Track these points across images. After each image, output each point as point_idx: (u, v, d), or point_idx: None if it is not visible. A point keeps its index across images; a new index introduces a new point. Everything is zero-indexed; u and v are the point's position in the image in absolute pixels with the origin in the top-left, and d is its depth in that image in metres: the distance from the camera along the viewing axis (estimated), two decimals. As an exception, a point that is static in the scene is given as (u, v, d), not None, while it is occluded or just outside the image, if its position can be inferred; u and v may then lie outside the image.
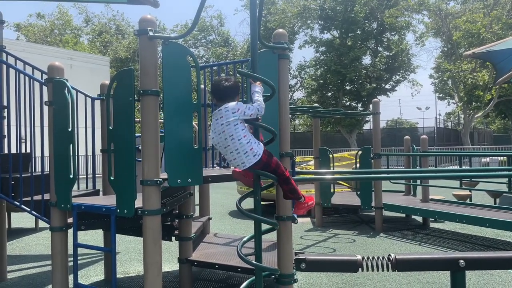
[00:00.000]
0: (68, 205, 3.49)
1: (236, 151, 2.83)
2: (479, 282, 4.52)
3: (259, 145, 2.89)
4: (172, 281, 4.72)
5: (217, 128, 2.87)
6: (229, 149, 2.85)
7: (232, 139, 2.82)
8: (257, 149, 2.86)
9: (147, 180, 3.07)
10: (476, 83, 27.00)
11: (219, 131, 2.86)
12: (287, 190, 3.14)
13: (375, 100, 7.96)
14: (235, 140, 2.82)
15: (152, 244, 3.10)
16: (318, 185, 8.05)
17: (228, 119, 2.81)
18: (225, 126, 2.82)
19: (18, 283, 4.80)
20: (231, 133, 2.81)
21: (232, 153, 2.85)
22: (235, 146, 2.82)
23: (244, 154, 2.83)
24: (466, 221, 6.23)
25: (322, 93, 31.11)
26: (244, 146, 2.82)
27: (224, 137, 2.84)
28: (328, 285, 4.53)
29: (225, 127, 2.82)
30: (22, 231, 7.88)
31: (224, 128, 2.82)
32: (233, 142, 2.82)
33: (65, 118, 3.49)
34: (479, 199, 9.21)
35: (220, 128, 2.85)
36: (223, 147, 2.89)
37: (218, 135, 2.88)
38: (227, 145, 2.85)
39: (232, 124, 2.81)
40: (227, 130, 2.82)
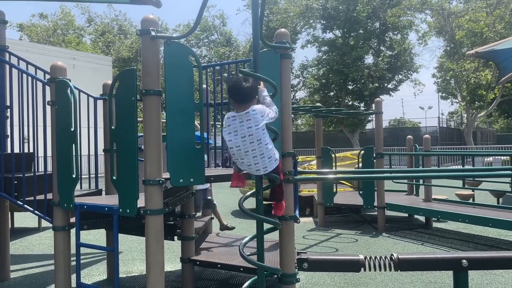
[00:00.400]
0: (71, 204, 3.49)
1: (261, 156, 2.79)
2: (482, 282, 4.51)
3: (277, 153, 2.94)
4: (174, 281, 4.73)
5: (242, 131, 2.76)
6: (253, 153, 2.78)
7: (259, 144, 2.76)
8: (277, 154, 2.91)
9: (149, 180, 3.07)
10: (479, 82, 26.90)
11: (244, 134, 2.77)
12: (279, 191, 3.18)
13: (377, 99, 7.95)
14: (262, 145, 2.77)
15: (155, 244, 3.11)
16: (320, 184, 8.05)
17: (257, 123, 2.74)
18: (253, 129, 2.74)
19: (21, 282, 4.82)
20: (259, 137, 2.76)
21: (256, 158, 2.79)
22: (261, 151, 2.78)
23: (268, 159, 2.82)
24: (469, 220, 6.21)
25: (325, 93, 31.08)
26: (269, 151, 2.82)
27: (250, 140, 2.76)
28: (331, 285, 4.53)
29: (253, 130, 2.74)
30: (25, 231, 7.91)
31: (253, 131, 2.75)
32: (260, 147, 2.77)
33: (68, 118, 3.49)
34: (482, 199, 9.18)
35: (247, 131, 2.75)
36: (243, 151, 2.79)
37: (241, 138, 2.77)
38: (251, 149, 2.77)
39: (261, 128, 2.76)
40: (256, 134, 2.75)
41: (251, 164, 2.82)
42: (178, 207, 4.31)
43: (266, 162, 2.82)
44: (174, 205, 3.65)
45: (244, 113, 2.79)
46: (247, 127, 2.76)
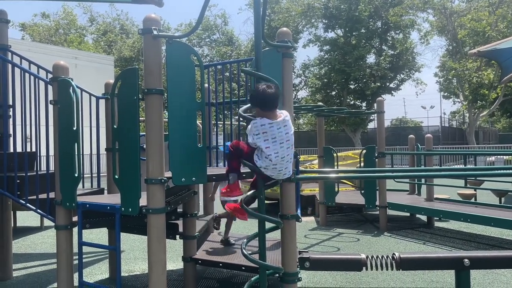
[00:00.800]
0: (73, 203, 3.50)
1: (291, 160, 2.94)
2: (483, 281, 4.51)
3: None
4: (176, 280, 4.74)
5: (281, 137, 2.85)
6: (288, 158, 2.90)
7: (292, 148, 2.92)
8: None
9: (151, 179, 3.08)
10: (481, 81, 26.84)
11: (282, 140, 2.85)
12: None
13: (379, 99, 7.95)
14: (291, 149, 2.91)
15: (157, 242, 3.11)
16: (322, 184, 8.04)
17: (292, 128, 2.91)
18: (290, 135, 2.88)
19: (23, 281, 4.83)
20: (292, 142, 2.91)
21: (288, 162, 2.93)
22: (291, 155, 2.93)
23: (290, 161, 2.98)
24: (471, 220, 6.20)
25: (326, 92, 31.07)
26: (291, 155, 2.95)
27: (287, 146, 2.88)
28: (332, 284, 4.53)
29: (290, 136, 2.88)
30: (28, 230, 7.93)
31: (289, 137, 2.88)
32: (291, 151, 2.91)
33: (70, 117, 3.50)
34: (484, 199, 9.16)
35: (285, 137, 2.87)
36: (280, 156, 2.87)
37: (279, 144, 2.84)
38: (287, 154, 2.88)
39: (291, 133, 2.91)
40: (291, 140, 2.90)
41: (282, 169, 2.93)
42: (180, 206, 4.32)
43: (290, 166, 2.97)
44: (176, 204, 3.66)
45: (281, 120, 2.88)
46: (285, 133, 2.87)
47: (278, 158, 2.86)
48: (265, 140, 2.84)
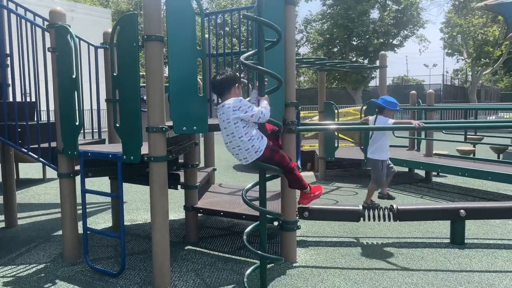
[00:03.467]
0: (75, 152, 3.52)
1: (238, 148, 2.86)
2: (478, 232, 4.61)
3: (261, 140, 2.91)
4: (178, 228, 4.85)
5: (221, 124, 2.89)
6: (231, 145, 2.89)
7: (233, 137, 2.84)
8: (258, 145, 2.88)
9: (152, 127, 3.08)
10: (486, 38, 26.36)
11: (222, 127, 2.88)
12: (292, 180, 3.24)
13: (382, 53, 7.81)
14: (236, 138, 2.83)
15: (159, 190, 3.16)
16: (322, 139, 8.07)
17: (228, 116, 2.80)
18: (225, 123, 2.83)
19: (28, 228, 4.95)
20: (232, 131, 2.83)
21: (234, 149, 2.89)
22: (237, 143, 2.85)
23: (246, 150, 2.86)
24: (468, 174, 6.27)
25: (328, 48, 30.56)
26: (245, 143, 2.84)
27: (226, 133, 2.86)
28: (330, 233, 4.64)
29: (226, 124, 2.83)
30: (30, 181, 8.04)
31: (225, 125, 2.83)
32: (235, 140, 2.84)
33: (69, 65, 3.45)
34: (482, 155, 9.22)
35: (222, 124, 2.86)
36: (224, 142, 2.92)
37: (223, 130, 2.89)
38: (229, 141, 2.88)
39: (232, 122, 2.81)
40: (228, 128, 2.83)
41: (233, 154, 2.94)
42: (182, 157, 4.36)
43: (245, 154, 2.88)
44: (177, 153, 3.68)
45: (220, 106, 2.88)
46: (222, 120, 2.86)
47: (225, 142, 2.93)
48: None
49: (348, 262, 3.79)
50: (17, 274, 3.56)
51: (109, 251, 4.13)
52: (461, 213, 4.15)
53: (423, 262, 3.76)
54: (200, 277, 3.45)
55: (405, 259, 3.83)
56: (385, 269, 3.60)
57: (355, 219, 4.28)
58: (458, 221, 4.22)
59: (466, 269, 3.58)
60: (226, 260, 3.85)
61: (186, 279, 3.40)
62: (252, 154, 2.88)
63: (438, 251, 4.05)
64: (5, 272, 3.62)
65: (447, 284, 3.28)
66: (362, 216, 4.23)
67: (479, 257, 3.88)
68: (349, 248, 4.16)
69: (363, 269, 3.61)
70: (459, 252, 4.02)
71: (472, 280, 3.36)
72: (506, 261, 3.77)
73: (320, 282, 3.33)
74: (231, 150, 2.92)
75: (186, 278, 3.42)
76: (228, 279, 3.41)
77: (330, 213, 4.37)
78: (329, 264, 3.72)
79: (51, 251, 4.14)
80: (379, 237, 4.50)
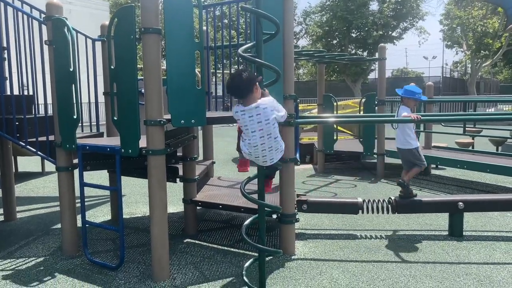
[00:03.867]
0: (73, 145, 3.51)
1: (269, 148, 2.81)
2: (476, 224, 4.63)
3: (282, 141, 2.94)
4: (177, 221, 4.86)
5: (252, 126, 2.74)
6: (262, 147, 2.79)
7: (269, 138, 2.78)
8: (283, 145, 2.93)
9: (150, 120, 3.07)
10: (485, 30, 26.29)
11: (254, 129, 2.75)
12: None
13: (381, 45, 7.77)
14: (272, 139, 2.79)
15: (157, 184, 3.16)
16: (321, 132, 8.06)
17: (267, 117, 2.72)
18: (263, 124, 2.72)
19: (28, 222, 4.95)
20: (269, 132, 2.76)
21: (264, 151, 2.81)
22: (270, 144, 2.80)
23: (276, 151, 2.86)
24: (467, 166, 6.28)
25: (327, 41, 30.46)
26: (277, 143, 2.85)
27: (260, 135, 2.75)
28: (329, 226, 4.64)
29: (263, 125, 2.73)
30: (29, 175, 8.04)
31: (263, 126, 2.73)
32: (269, 141, 2.79)
33: (66, 58, 3.43)
34: (481, 148, 9.22)
35: (257, 125, 2.74)
36: (253, 145, 2.80)
37: (251, 133, 2.76)
38: (261, 143, 2.78)
39: (271, 123, 2.74)
40: (266, 128, 2.74)
41: (259, 156, 2.85)
42: (180, 150, 4.35)
43: (273, 154, 2.86)
44: (175, 146, 3.67)
45: (253, 107, 2.73)
46: (257, 121, 2.73)
47: (251, 146, 2.82)
48: (241, 126, 2.86)
49: (346, 254, 3.80)
50: (16, 268, 3.57)
51: (108, 244, 4.14)
52: (460, 206, 4.16)
53: (421, 254, 3.78)
54: (199, 269, 3.46)
55: (403, 252, 3.84)
56: (383, 261, 3.61)
57: (354, 211, 4.29)
58: (457, 213, 4.23)
59: (464, 261, 3.60)
60: (225, 253, 3.86)
61: (185, 272, 3.41)
62: (278, 154, 2.89)
63: (436, 243, 4.06)
64: (5, 265, 3.63)
65: (445, 276, 3.29)
66: (361, 208, 4.24)
67: (477, 249, 3.89)
68: (348, 240, 4.17)
69: (362, 262, 3.62)
70: (457, 244, 4.03)
71: (470, 272, 3.37)
72: (504, 253, 3.78)
73: (318, 275, 3.34)
74: (261, 152, 2.82)
75: (185, 271, 3.43)
76: (227, 271, 3.42)
77: (329, 206, 4.38)
78: (328, 257, 3.74)
79: (50, 244, 4.15)
80: (377, 229, 4.52)
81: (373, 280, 3.23)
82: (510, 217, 4.84)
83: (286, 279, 3.26)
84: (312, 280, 3.25)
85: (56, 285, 3.20)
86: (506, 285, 3.12)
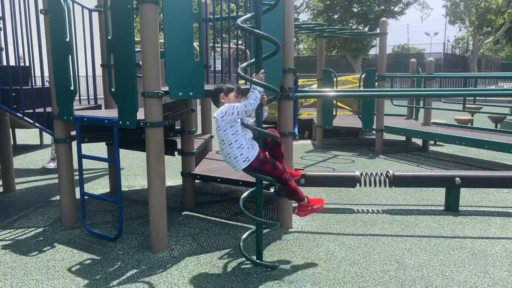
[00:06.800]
0: (71, 117, 3.49)
1: (228, 156, 2.88)
2: (472, 199, 4.66)
3: (251, 150, 2.86)
4: (175, 194, 4.88)
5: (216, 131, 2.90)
6: (223, 152, 2.92)
7: (223, 144, 2.86)
8: (247, 155, 2.85)
9: (148, 92, 3.04)
10: (489, 6, 25.88)
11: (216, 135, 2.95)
12: (287, 191, 3.14)
13: (382, 19, 7.65)
14: (226, 145, 2.85)
15: (155, 156, 3.15)
16: (320, 107, 8.03)
17: (218, 124, 2.82)
18: (217, 131, 2.86)
19: (26, 193, 4.98)
20: (222, 138, 2.85)
21: (225, 156, 2.91)
22: (227, 151, 2.87)
23: (235, 159, 2.86)
24: (465, 143, 6.29)
25: (328, 15, 29.99)
26: (234, 151, 2.84)
27: (218, 141, 2.90)
28: (326, 200, 4.66)
29: (217, 132, 2.86)
30: (28, 148, 8.03)
31: (217, 133, 2.87)
32: (225, 147, 2.86)
33: (62, 28, 3.37)
34: (480, 125, 9.21)
35: (216, 131, 2.89)
36: (220, 149, 2.97)
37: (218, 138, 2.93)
38: (221, 149, 2.92)
39: (222, 129, 2.82)
40: (219, 135, 2.86)
41: (226, 161, 2.97)
42: (178, 124, 4.34)
43: (233, 162, 2.88)
44: (173, 119, 3.66)
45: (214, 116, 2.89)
46: (216, 128, 2.88)
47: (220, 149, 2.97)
48: None
49: (343, 228, 3.84)
50: (16, 238, 3.61)
51: (107, 216, 4.17)
52: (457, 181, 4.18)
53: (417, 228, 3.82)
54: (197, 241, 3.50)
55: (399, 226, 3.88)
56: (379, 235, 3.65)
57: (352, 185, 4.30)
58: (453, 188, 4.25)
59: (459, 236, 3.64)
60: (223, 225, 3.90)
61: (183, 243, 3.45)
62: (240, 163, 2.87)
63: (432, 217, 4.10)
64: (4, 235, 3.66)
65: (440, 250, 3.33)
66: (359, 181, 4.25)
67: (472, 224, 3.93)
68: (344, 214, 4.21)
69: (358, 235, 3.66)
70: (453, 219, 4.07)
71: (465, 246, 3.42)
72: (499, 228, 3.83)
73: (315, 247, 3.38)
74: (224, 157, 2.95)
75: (183, 242, 3.47)
76: (224, 243, 3.46)
77: (327, 180, 4.40)
78: (324, 230, 3.78)
79: (49, 215, 4.18)
80: (374, 204, 4.55)
81: (369, 253, 3.28)
82: (506, 193, 4.88)
83: (283, 251, 3.30)
84: (308, 252, 3.29)
85: (55, 255, 3.24)
86: (500, 259, 3.17)
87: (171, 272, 2.95)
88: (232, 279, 2.85)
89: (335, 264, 3.09)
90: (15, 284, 2.80)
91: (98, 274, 2.92)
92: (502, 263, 3.10)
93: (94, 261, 3.14)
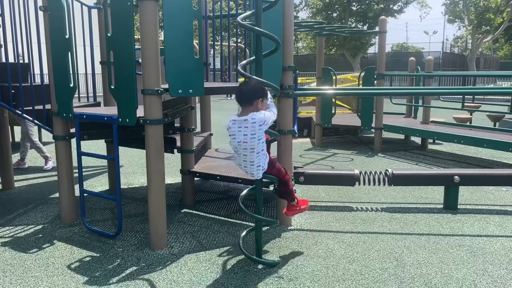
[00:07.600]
0: (70, 114, 3.49)
1: (250, 163, 2.85)
2: (471, 198, 4.67)
3: (266, 158, 2.93)
4: (174, 192, 4.88)
5: (239, 137, 2.78)
6: (244, 158, 2.85)
7: (252, 152, 2.80)
8: (264, 163, 2.91)
9: (148, 89, 3.04)
10: (488, 5, 25.91)
11: (240, 140, 2.78)
12: (283, 191, 3.26)
13: (382, 17, 7.66)
14: (254, 153, 2.81)
15: (155, 153, 3.15)
16: (319, 105, 8.03)
17: (254, 131, 2.73)
18: (248, 137, 2.75)
19: (25, 191, 4.97)
20: (253, 146, 2.78)
21: (246, 162, 2.86)
22: (252, 159, 2.83)
23: (257, 167, 2.87)
24: (464, 141, 6.30)
25: (327, 14, 29.98)
26: (259, 160, 2.85)
27: (244, 147, 2.80)
28: (325, 198, 4.68)
29: (248, 138, 2.75)
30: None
31: (247, 139, 2.75)
32: (252, 155, 2.81)
33: (62, 25, 3.36)
34: (479, 123, 9.23)
35: (242, 138, 2.76)
36: (236, 153, 2.90)
37: (237, 143, 2.81)
38: (243, 154, 2.84)
39: (257, 138, 2.76)
40: (250, 142, 2.76)
41: (241, 165, 2.94)
42: (178, 121, 4.33)
43: (254, 170, 2.89)
44: (173, 116, 3.65)
45: (243, 119, 2.76)
46: (243, 134, 2.76)
47: (235, 154, 2.91)
48: (229, 135, 2.88)
49: (342, 226, 3.84)
50: (15, 235, 3.61)
51: (106, 213, 4.17)
52: (455, 179, 4.19)
53: (415, 226, 3.83)
54: (196, 239, 3.51)
55: (398, 224, 3.89)
56: (378, 233, 3.66)
57: (351, 183, 4.32)
58: (452, 187, 4.26)
59: (457, 233, 3.65)
60: (222, 223, 3.90)
61: (183, 240, 3.46)
62: (259, 172, 2.90)
63: (431, 216, 4.11)
64: (4, 232, 3.66)
65: (439, 247, 3.34)
66: (358, 180, 4.26)
67: (471, 222, 3.94)
68: (344, 212, 4.22)
69: (357, 233, 3.67)
70: (452, 217, 4.08)
71: (464, 244, 3.43)
72: (498, 226, 3.84)
73: (314, 245, 3.39)
74: (243, 162, 2.89)
75: (182, 239, 3.48)
76: (223, 241, 3.46)
77: (326, 178, 4.41)
78: (324, 228, 3.78)
79: (49, 212, 4.17)
80: (373, 202, 4.56)
81: (368, 251, 3.28)
82: (505, 192, 4.89)
83: (282, 249, 3.30)
84: (307, 249, 3.29)
85: (55, 252, 3.24)
86: (498, 257, 3.18)
87: (171, 269, 2.96)
88: (231, 277, 2.85)
89: (334, 261, 3.09)
90: (14, 281, 2.81)
91: (97, 271, 2.92)
92: (500, 261, 3.12)
93: (93, 258, 3.14)
